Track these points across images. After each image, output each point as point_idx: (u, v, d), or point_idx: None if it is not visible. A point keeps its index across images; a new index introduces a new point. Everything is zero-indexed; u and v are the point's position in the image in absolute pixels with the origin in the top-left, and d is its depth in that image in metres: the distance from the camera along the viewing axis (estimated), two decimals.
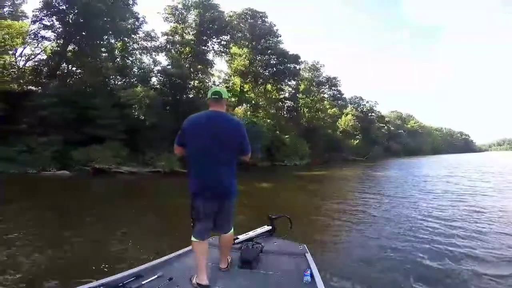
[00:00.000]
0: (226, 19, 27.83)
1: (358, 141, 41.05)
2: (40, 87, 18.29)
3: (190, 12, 27.08)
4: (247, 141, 2.09)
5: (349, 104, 47.08)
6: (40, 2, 19.59)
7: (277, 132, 27.28)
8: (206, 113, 2.07)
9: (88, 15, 20.00)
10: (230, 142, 2.00)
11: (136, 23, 24.21)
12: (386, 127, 56.03)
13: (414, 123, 79.31)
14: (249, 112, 24.93)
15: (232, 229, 2.18)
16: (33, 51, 20.48)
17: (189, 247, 2.19)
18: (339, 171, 21.14)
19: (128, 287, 1.71)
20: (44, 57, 20.57)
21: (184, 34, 26.71)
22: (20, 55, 20.76)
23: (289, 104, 35.45)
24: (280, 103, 34.36)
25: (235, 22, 29.09)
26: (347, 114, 42.69)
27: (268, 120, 26.63)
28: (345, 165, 28.97)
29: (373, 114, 50.84)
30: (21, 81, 18.98)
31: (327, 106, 40.47)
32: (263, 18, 31.43)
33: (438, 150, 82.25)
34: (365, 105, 49.31)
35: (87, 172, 15.22)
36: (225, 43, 29.21)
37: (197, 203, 1.98)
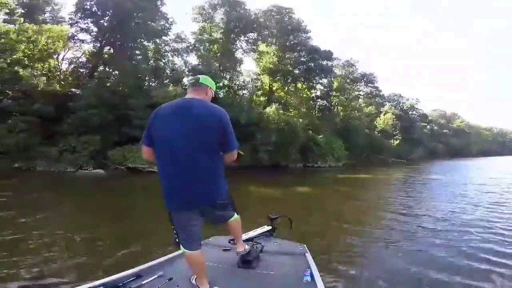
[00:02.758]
0: (252, 17, 27.72)
1: (398, 141, 38.29)
2: (79, 89, 19.26)
3: (217, 11, 27.51)
4: (231, 133, 1.69)
5: (386, 102, 44.33)
6: (73, 5, 20.78)
7: (310, 131, 26.19)
8: (179, 101, 1.72)
9: (120, 17, 20.86)
10: (208, 135, 1.61)
11: (166, 24, 24.96)
12: (428, 126, 52.01)
13: (460, 122, 72.98)
14: (281, 111, 24.15)
15: (236, 214, 2.06)
16: (74, 54, 21.88)
17: None
18: (378, 175, 19.54)
19: (128, 287, 1.70)
20: (83, 59, 21.83)
21: (212, 33, 27.04)
22: (62, 59, 22.30)
23: (321, 103, 34.19)
24: (311, 101, 33.27)
25: (261, 19, 28.83)
26: (386, 113, 40.07)
27: (301, 120, 25.68)
28: (384, 167, 27.14)
29: (414, 112, 47.43)
30: (63, 83, 20.19)
31: (363, 105, 38.47)
32: (290, 14, 30.80)
33: (487, 151, 74.79)
34: (405, 103, 46.17)
35: (121, 171, 15.59)
36: (252, 41, 29.25)
37: (173, 219, 1.74)
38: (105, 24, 21.80)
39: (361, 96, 38.63)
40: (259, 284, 1.91)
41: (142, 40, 23.58)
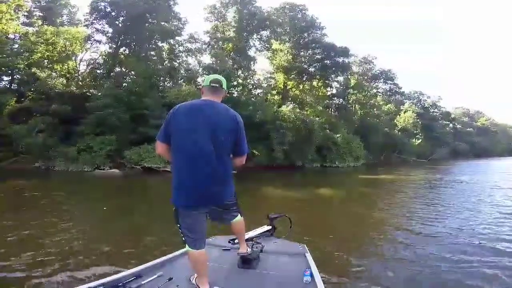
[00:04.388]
0: (265, 14, 27.44)
1: (420, 141, 36.75)
2: (96, 89, 19.55)
3: (229, 9, 27.41)
4: (244, 138, 1.80)
5: (406, 100, 42.75)
6: (88, 6, 21.18)
7: (328, 130, 25.49)
8: (198, 102, 1.78)
9: (133, 17, 21.11)
10: (225, 137, 1.69)
11: (179, 24, 25.11)
12: (451, 125, 49.82)
13: (485, 120, 69.60)
14: (297, 110, 23.63)
15: (240, 216, 2.13)
16: (91, 55, 22.34)
17: None
18: (399, 175, 18.33)
19: (128, 287, 1.71)
20: (100, 60, 22.21)
21: (225, 32, 26.97)
22: (81, 60, 22.80)
23: (337, 101, 33.36)
24: (328, 100, 32.54)
25: (274, 17, 28.48)
26: (406, 111, 38.58)
27: (317, 118, 25.04)
28: (405, 167, 25.96)
29: (436, 110, 45.49)
30: (81, 83, 20.60)
31: (381, 102, 37.25)
32: (303, 11, 30.27)
33: None
34: (426, 100, 44.37)
35: (137, 171, 15.60)
36: (266, 38, 28.95)
37: (180, 219, 1.75)
38: (120, 25, 22.18)
39: (379, 94, 37.42)
40: (259, 284, 1.91)
41: (156, 40, 23.89)
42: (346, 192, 11.66)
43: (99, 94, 18.17)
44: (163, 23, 23.60)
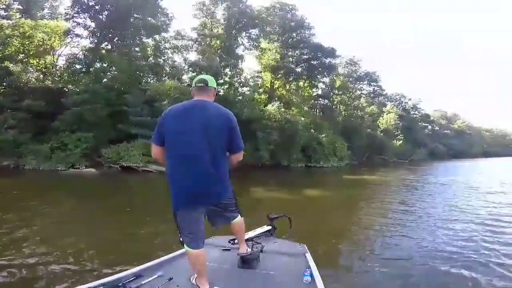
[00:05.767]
0: (255, 13, 26.71)
1: (401, 142, 37.11)
2: (74, 85, 18.28)
3: (218, 7, 26.50)
4: (238, 134, 1.76)
5: (388, 102, 43.09)
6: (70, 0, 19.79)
7: (312, 130, 25.12)
8: (190, 102, 1.75)
9: (119, 12, 19.95)
10: (219, 135, 1.66)
11: (166, 20, 23.98)
12: (430, 127, 50.82)
13: (462, 123, 71.66)
14: (282, 109, 23.09)
15: (240, 216, 2.08)
16: (71, 50, 20.90)
17: None
18: (382, 176, 18.39)
19: (128, 287, 1.67)
20: (81, 55, 20.83)
21: (213, 29, 26.06)
22: (59, 55, 21.29)
23: (323, 102, 33.10)
24: (313, 100, 32.22)
25: (263, 15, 27.80)
26: (389, 113, 38.85)
27: (303, 118, 24.61)
28: (387, 168, 26.15)
29: (416, 112, 46.18)
30: (57, 78, 19.21)
31: (365, 104, 37.35)
32: (293, 11, 29.75)
33: (488, 153, 73.32)
34: (407, 102, 44.93)
35: (115, 170, 14.60)
36: (254, 37, 28.25)
37: (178, 219, 1.71)
38: (103, 19, 20.88)
39: (363, 95, 37.46)
40: (259, 284, 1.88)
41: (141, 36, 22.71)
42: (337, 192, 11.52)
43: (77, 89, 16.91)
44: (149, 18, 22.47)
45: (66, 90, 17.74)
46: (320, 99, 32.77)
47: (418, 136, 42.98)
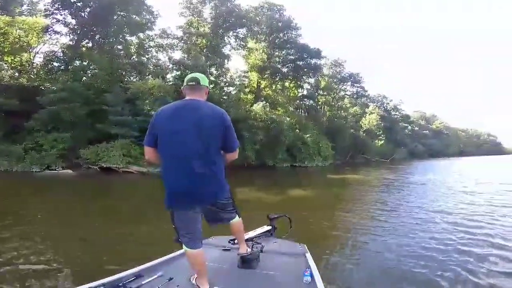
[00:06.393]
0: (243, 12, 26.38)
1: (383, 142, 37.95)
2: (51, 83, 17.34)
3: (206, 5, 25.96)
4: (233, 133, 1.72)
5: (371, 103, 43.94)
6: None
7: (298, 131, 25.15)
8: (181, 102, 1.71)
9: (102, 9, 19.12)
10: (213, 135, 1.62)
11: (151, 18, 23.22)
12: (410, 127, 52.29)
13: (439, 124, 74.27)
14: (268, 108, 22.94)
15: (238, 216, 2.04)
16: (50, 47, 19.80)
17: None
18: (366, 175, 18.69)
19: (128, 287, 1.65)
20: (60, 53, 19.79)
21: (200, 27, 25.49)
22: (37, 52, 20.13)
23: (308, 102, 33.28)
24: (298, 101, 32.32)
25: (251, 15, 27.51)
26: (371, 113, 39.63)
27: (288, 118, 24.57)
28: (370, 167, 26.58)
29: (397, 113, 47.37)
30: (32, 76, 18.16)
31: (348, 105, 37.88)
32: (281, 12, 29.65)
33: (463, 152, 76.52)
34: (388, 103, 45.96)
35: (94, 171, 13.95)
36: (242, 36, 27.94)
37: (175, 219, 1.69)
38: (85, 16, 19.92)
39: (347, 96, 37.98)
40: (259, 284, 1.87)
41: (124, 34, 21.87)
42: (323, 192, 11.53)
43: (54, 88, 16.01)
44: (134, 16, 21.65)
45: (43, 88, 16.77)
46: (305, 99, 32.91)
47: (398, 136, 44.13)
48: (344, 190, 11.86)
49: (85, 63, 19.16)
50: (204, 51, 24.36)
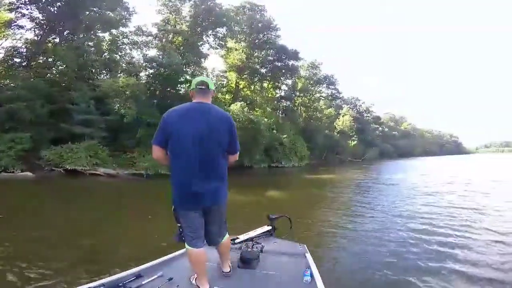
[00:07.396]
0: (224, 11, 25.73)
1: (355, 142, 39.15)
2: (10, 80, 15.75)
3: (185, 3, 24.99)
4: (236, 136, 1.79)
5: (344, 105, 45.16)
6: None
7: (275, 131, 25.09)
8: (193, 104, 1.73)
9: (73, 4, 17.66)
10: (223, 138, 1.68)
11: (126, 14, 21.89)
12: (380, 128, 54.48)
13: (407, 125, 78.22)
14: (246, 108, 22.60)
15: (227, 233, 1.99)
16: (13, 43, 17.96)
17: None
18: (342, 174, 19.18)
19: (128, 287, 1.65)
20: (23, 49, 18.04)
21: (177, 25, 24.50)
22: None
23: (285, 103, 33.42)
24: (276, 102, 32.35)
25: (232, 14, 26.95)
26: (344, 115, 40.72)
27: (266, 119, 24.41)
28: (343, 167, 27.19)
29: (368, 115, 49.09)
30: None
31: (323, 106, 38.61)
32: (262, 12, 29.39)
33: (428, 152, 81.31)
34: (361, 105, 47.49)
35: (57, 174, 12.84)
36: (221, 35, 27.25)
37: (180, 218, 1.72)
38: (55, 11, 18.31)
39: (322, 98, 38.66)
40: (259, 284, 1.86)
41: (96, 30, 20.42)
42: (301, 192, 11.61)
43: (12, 84, 14.57)
44: (108, 12, 20.26)
45: (1, 85, 15.22)
46: (283, 100, 33.02)
47: (370, 137, 45.76)
48: (320, 191, 11.85)
49: (50, 60, 17.66)
50: (181, 49, 23.48)
